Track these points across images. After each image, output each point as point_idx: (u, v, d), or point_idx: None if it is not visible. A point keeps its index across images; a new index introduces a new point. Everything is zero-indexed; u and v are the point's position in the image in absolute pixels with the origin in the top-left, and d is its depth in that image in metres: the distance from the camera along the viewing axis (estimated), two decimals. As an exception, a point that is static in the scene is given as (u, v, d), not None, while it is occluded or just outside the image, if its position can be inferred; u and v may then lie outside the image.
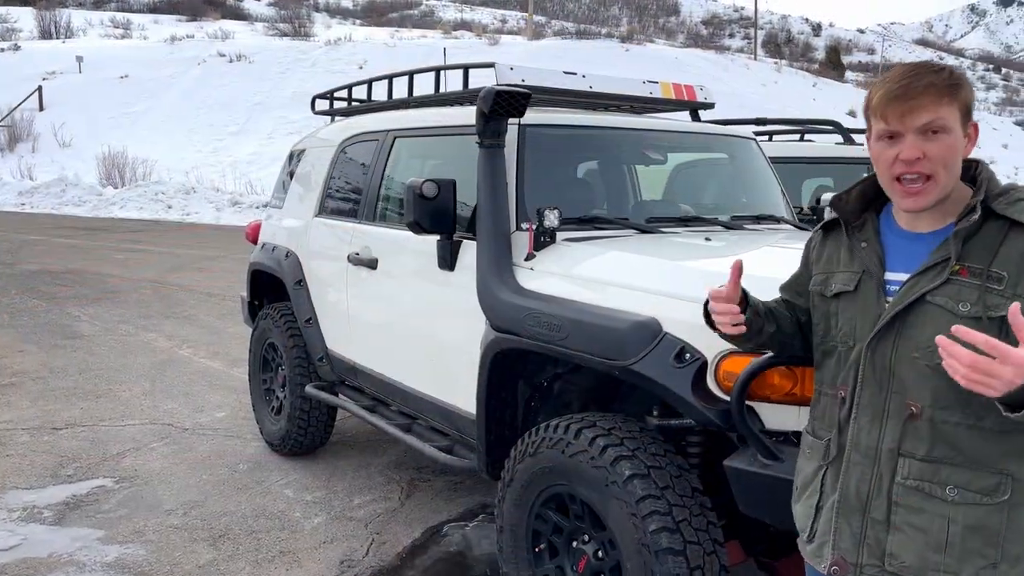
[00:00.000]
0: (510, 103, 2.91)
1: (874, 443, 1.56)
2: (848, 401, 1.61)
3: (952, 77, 1.49)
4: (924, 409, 1.51)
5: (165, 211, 20.51)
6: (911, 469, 1.53)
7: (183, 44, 37.48)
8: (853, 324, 1.61)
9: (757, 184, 3.78)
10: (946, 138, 1.48)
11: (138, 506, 3.97)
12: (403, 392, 3.58)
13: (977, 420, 1.48)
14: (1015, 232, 1.48)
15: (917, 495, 1.52)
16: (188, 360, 6.82)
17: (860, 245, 1.64)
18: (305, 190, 4.60)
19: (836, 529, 1.61)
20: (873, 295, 1.59)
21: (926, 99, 1.46)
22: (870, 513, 1.57)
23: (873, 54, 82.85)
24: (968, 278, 1.48)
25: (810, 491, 1.70)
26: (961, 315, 1.47)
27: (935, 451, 1.51)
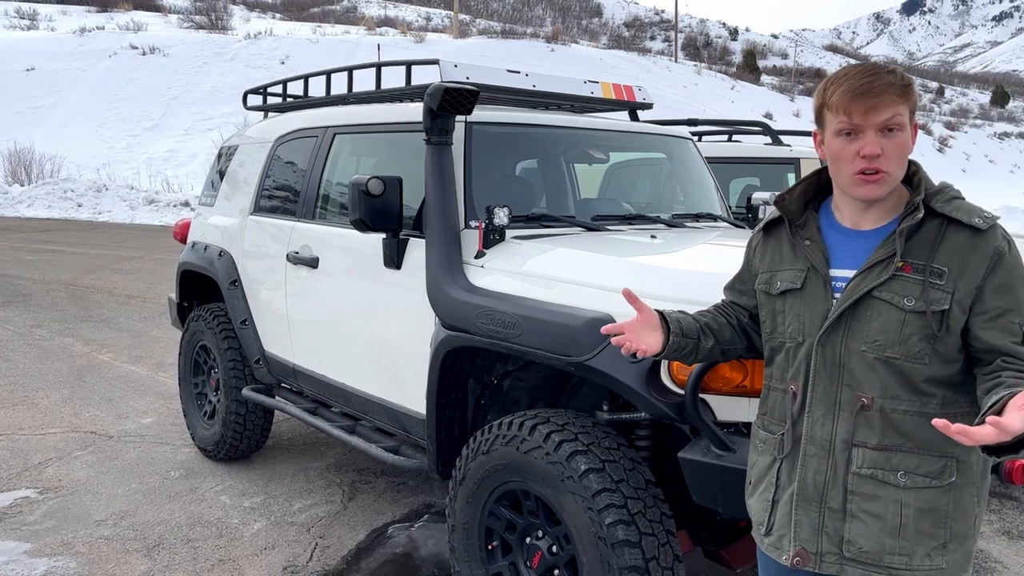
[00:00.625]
0: (458, 100, 2.89)
1: (828, 435, 1.62)
2: (800, 396, 1.66)
3: (904, 78, 1.56)
4: (874, 400, 1.57)
5: (75, 210, 19.63)
6: (864, 458, 1.59)
7: (93, 36, 35.87)
8: (801, 320, 1.66)
9: (695, 183, 3.87)
10: (901, 135, 1.54)
11: (65, 517, 3.79)
12: (347, 393, 3.52)
13: (923, 407, 1.56)
14: (952, 228, 1.55)
15: (871, 483, 1.58)
16: (108, 365, 6.54)
17: (804, 243, 1.69)
18: (238, 188, 4.47)
19: (796, 521, 1.66)
20: (820, 292, 1.64)
21: (887, 97, 1.52)
22: (827, 503, 1.62)
23: (786, 59, 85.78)
24: (912, 274, 1.55)
25: (765, 485, 1.74)
26: (907, 309, 1.54)
27: (886, 439, 1.57)
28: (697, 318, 1.83)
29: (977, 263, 1.52)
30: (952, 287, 1.53)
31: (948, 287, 1.53)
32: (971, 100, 72.85)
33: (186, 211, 19.56)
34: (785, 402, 1.70)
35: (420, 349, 3.01)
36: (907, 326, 1.54)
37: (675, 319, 1.79)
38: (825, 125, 1.60)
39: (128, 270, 11.39)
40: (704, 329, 1.82)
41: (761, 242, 1.81)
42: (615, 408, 2.65)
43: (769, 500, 1.72)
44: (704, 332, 1.81)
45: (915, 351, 1.54)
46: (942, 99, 70.42)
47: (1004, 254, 1.52)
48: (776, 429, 1.73)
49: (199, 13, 44.84)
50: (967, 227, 1.54)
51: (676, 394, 2.23)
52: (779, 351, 1.72)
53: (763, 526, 1.74)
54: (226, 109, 28.91)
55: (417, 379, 3.05)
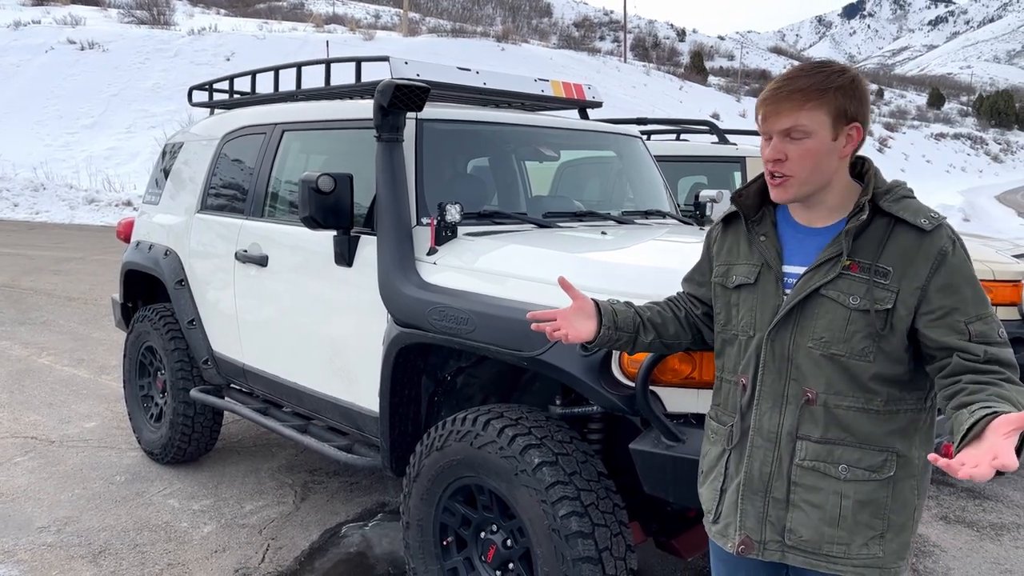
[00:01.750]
0: (409, 97, 2.89)
1: (775, 427, 1.66)
2: (750, 388, 1.70)
3: (825, 82, 1.56)
4: (819, 395, 1.62)
5: (11, 209, 18.99)
6: (808, 451, 1.63)
7: (28, 30, 34.70)
8: (754, 315, 1.70)
9: (644, 181, 3.93)
10: (806, 142, 1.57)
11: (6, 524, 3.67)
12: (298, 393, 3.49)
13: (866, 403, 1.61)
14: (899, 228, 1.59)
15: (813, 474, 1.63)
16: (49, 368, 6.35)
17: (759, 238, 1.72)
18: (184, 185, 4.39)
19: (742, 510, 1.70)
20: (772, 287, 1.68)
21: (787, 105, 1.56)
22: (771, 493, 1.67)
23: (733, 60, 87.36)
24: (858, 273, 1.58)
25: (715, 474, 1.78)
26: (852, 307, 1.58)
27: (829, 433, 1.62)
28: (640, 312, 1.87)
29: (921, 263, 1.55)
30: (897, 286, 1.56)
31: (893, 286, 1.56)
32: (909, 102, 75.20)
33: (128, 210, 19.06)
34: (736, 393, 1.74)
35: (372, 347, 3.00)
36: (852, 324, 1.57)
37: (610, 311, 1.83)
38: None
39: (68, 271, 11.05)
40: (645, 323, 1.86)
41: (720, 235, 1.84)
42: (567, 402, 2.68)
43: (718, 489, 1.77)
44: (644, 326, 1.85)
45: (859, 348, 1.58)
46: (881, 101, 72.53)
47: (948, 254, 1.54)
48: (727, 420, 1.76)
49: (140, 8, 43.70)
50: (913, 227, 1.56)
51: (627, 387, 2.27)
52: (731, 344, 1.76)
53: (711, 514, 1.79)
54: (170, 106, 28.24)
55: (369, 377, 3.04)
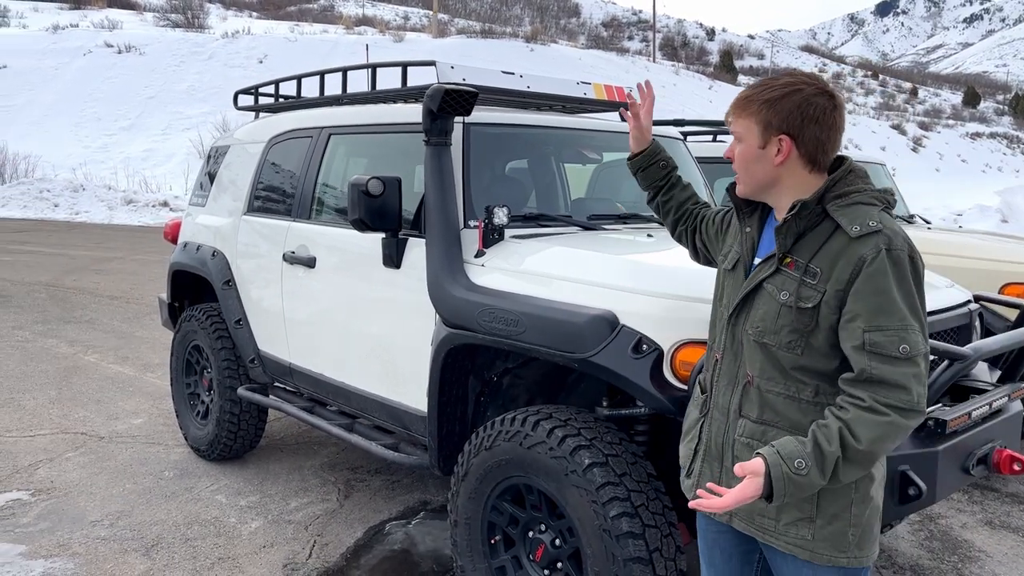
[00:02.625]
0: (458, 102, 2.93)
1: (727, 403, 1.79)
2: (718, 365, 1.83)
3: (757, 95, 1.68)
4: (754, 378, 1.73)
5: (52, 210, 19.42)
6: (746, 428, 1.75)
7: (67, 33, 35.43)
8: (729, 299, 1.82)
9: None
10: (740, 146, 1.73)
11: (60, 519, 3.78)
12: (345, 391, 3.55)
13: (796, 392, 1.69)
14: (837, 233, 1.64)
15: (748, 451, 1.74)
16: (95, 366, 6.50)
17: (745, 230, 1.84)
18: (231, 188, 4.47)
19: (702, 472, 1.86)
20: (741, 276, 1.80)
21: (732, 112, 1.74)
22: (724, 462, 1.80)
23: (763, 59, 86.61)
24: (793, 270, 1.67)
25: (691, 436, 1.92)
26: (780, 302, 1.67)
27: (764, 415, 1.73)
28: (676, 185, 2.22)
29: (844, 268, 1.60)
30: (823, 288, 1.62)
31: (820, 287, 1.62)
32: (944, 101, 73.94)
33: (165, 211, 19.40)
34: (711, 367, 1.87)
35: (419, 347, 3.05)
36: (780, 318, 1.66)
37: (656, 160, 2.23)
38: None
39: (109, 271, 11.29)
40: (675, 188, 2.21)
41: (733, 218, 1.95)
42: (614, 403, 2.70)
43: (692, 449, 1.90)
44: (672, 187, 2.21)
45: (786, 341, 1.66)
46: (915, 99, 71.42)
47: (866, 261, 1.57)
48: (705, 389, 1.90)
49: (175, 11, 44.42)
50: (845, 233, 1.61)
51: (678, 389, 2.29)
52: (716, 320, 1.88)
53: (684, 470, 1.93)
54: (204, 108, 28.69)
55: (416, 377, 3.09)
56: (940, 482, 2.32)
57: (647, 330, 2.34)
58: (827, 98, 1.66)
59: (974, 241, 5.65)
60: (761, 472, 1.55)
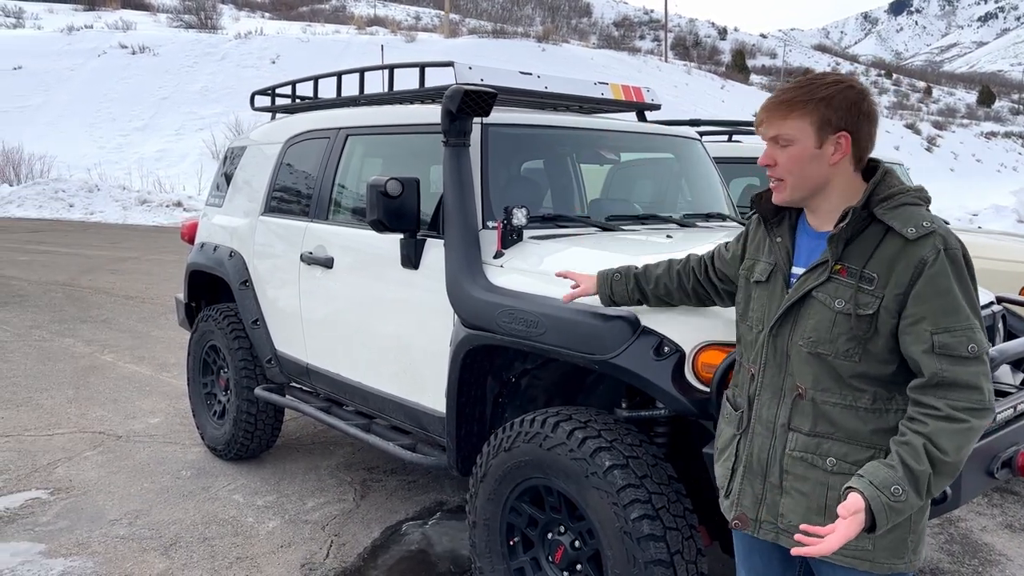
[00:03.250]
0: (477, 102, 2.93)
1: (772, 418, 1.76)
2: (757, 379, 1.79)
3: (810, 93, 1.64)
4: (807, 391, 1.70)
5: (67, 210, 19.56)
6: (798, 442, 1.71)
7: (81, 35, 35.70)
8: (763, 311, 1.78)
9: (703, 183, 3.92)
10: (791, 149, 1.66)
11: (79, 517, 3.80)
12: (362, 392, 3.55)
13: (853, 401, 1.67)
14: (889, 236, 1.62)
15: (802, 464, 1.71)
16: (112, 365, 6.54)
17: (776, 240, 1.81)
18: (247, 189, 4.49)
19: (741, 490, 1.82)
20: (779, 287, 1.76)
21: (775, 115, 1.67)
22: (768, 478, 1.77)
23: (775, 58, 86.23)
24: (846, 277, 1.64)
25: (727, 455, 1.88)
26: (837, 310, 1.64)
27: (818, 427, 1.69)
28: (644, 287, 2.26)
29: (903, 272, 1.58)
30: (881, 293, 1.60)
31: (877, 293, 1.61)
32: (958, 100, 73.41)
33: (179, 211, 19.50)
34: (747, 382, 1.83)
35: (437, 348, 3.05)
36: (836, 326, 1.64)
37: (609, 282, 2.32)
38: None
39: (125, 271, 11.36)
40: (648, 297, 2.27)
41: (754, 230, 1.93)
42: (633, 405, 2.69)
43: (729, 468, 1.87)
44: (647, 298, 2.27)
45: (843, 349, 1.64)
46: (930, 99, 70.93)
47: (927, 264, 1.57)
48: (740, 404, 1.86)
49: (188, 12, 44.66)
50: (900, 236, 1.60)
51: (700, 391, 2.28)
52: (748, 333, 1.84)
53: (723, 490, 1.90)
54: (217, 108, 28.85)
55: (434, 377, 3.08)
56: (965, 485, 2.30)
57: (668, 332, 2.33)
58: (870, 96, 1.67)
59: (992, 241, 5.61)
60: (862, 508, 1.51)
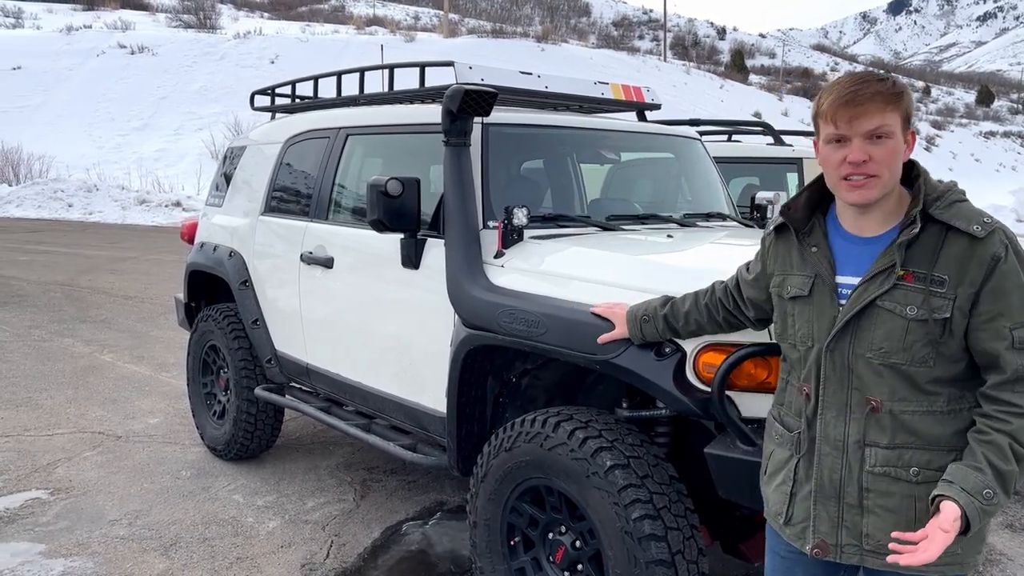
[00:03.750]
0: (477, 102, 2.93)
1: (841, 436, 1.68)
2: (813, 398, 1.72)
3: (896, 87, 1.61)
4: (883, 403, 1.64)
5: (66, 210, 19.54)
6: (877, 457, 1.65)
7: (80, 34, 35.68)
8: (811, 326, 1.71)
9: (703, 183, 3.92)
10: (890, 143, 1.59)
11: (79, 518, 3.80)
12: (362, 392, 3.55)
13: (930, 406, 1.62)
14: (952, 236, 1.59)
15: (885, 480, 1.65)
16: (111, 365, 6.54)
17: (811, 250, 1.73)
18: (247, 189, 4.49)
19: (816, 515, 1.73)
20: (827, 299, 1.69)
21: (873, 106, 1.58)
22: (844, 499, 1.69)
23: (774, 58, 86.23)
24: (913, 283, 1.59)
25: (782, 478, 1.80)
26: (910, 318, 1.59)
27: (897, 439, 1.64)
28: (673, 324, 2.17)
29: (975, 270, 1.56)
30: (953, 294, 1.57)
31: (949, 294, 1.57)
32: (957, 99, 73.44)
33: (178, 211, 19.49)
34: (800, 401, 1.76)
35: (438, 348, 3.04)
36: (910, 334, 1.59)
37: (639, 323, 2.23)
38: (819, 133, 1.67)
39: (124, 271, 11.35)
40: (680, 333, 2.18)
41: (772, 244, 1.86)
42: (634, 405, 2.69)
43: (787, 493, 1.79)
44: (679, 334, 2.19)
45: (919, 356, 1.60)
46: (928, 99, 70.94)
47: (1000, 259, 1.55)
48: (793, 425, 1.78)
49: (187, 12, 44.63)
50: (966, 234, 1.57)
51: (701, 391, 2.28)
52: (792, 351, 1.78)
53: (782, 516, 1.81)
54: (216, 108, 28.83)
55: (435, 377, 3.08)
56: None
57: (670, 332, 2.32)
58: None
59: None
60: (959, 516, 1.49)
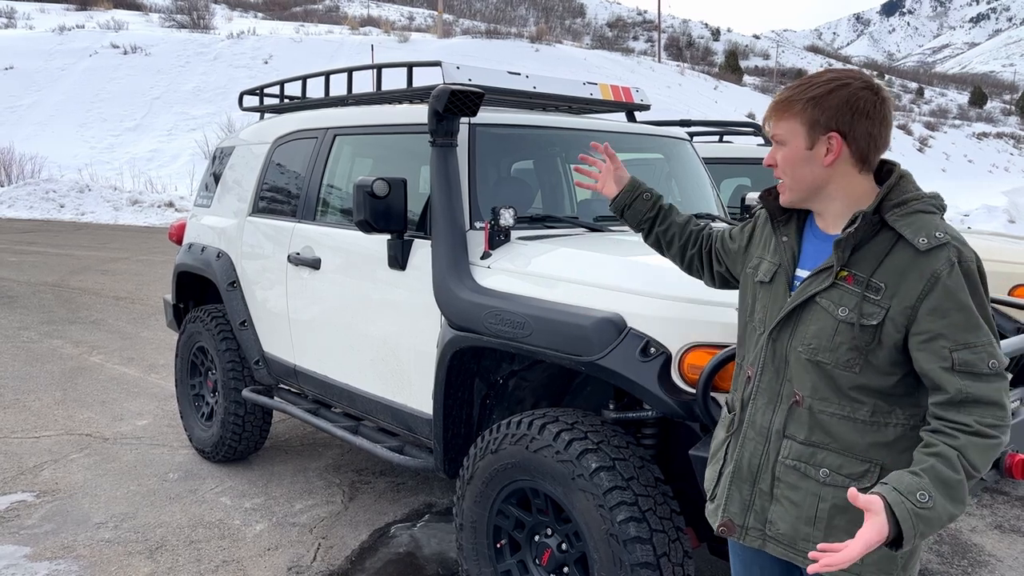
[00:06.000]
0: (464, 102, 2.91)
1: (767, 423, 1.71)
2: (753, 382, 1.74)
3: (801, 93, 1.60)
4: (805, 398, 1.64)
5: (58, 210, 19.46)
6: (792, 450, 1.67)
7: (73, 34, 35.54)
8: (766, 312, 1.73)
9: (693, 183, 3.91)
10: (785, 150, 1.64)
11: (64, 520, 3.77)
12: (349, 393, 3.53)
13: (851, 412, 1.61)
14: (900, 245, 1.55)
15: (795, 473, 1.66)
16: (100, 367, 6.50)
17: (782, 239, 1.75)
18: (236, 189, 4.46)
19: (728, 495, 1.77)
20: (782, 289, 1.70)
21: (770, 115, 1.65)
22: (758, 484, 1.72)
23: (768, 59, 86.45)
24: (852, 285, 1.58)
25: (716, 458, 1.85)
26: (839, 318, 1.58)
27: (813, 436, 1.64)
28: (662, 214, 2.09)
29: (914, 283, 1.52)
30: (887, 303, 1.54)
31: (884, 303, 1.54)
32: (950, 101, 73.67)
33: (170, 212, 19.43)
34: (742, 384, 1.78)
35: (425, 349, 3.03)
36: (839, 335, 1.58)
37: (631, 193, 2.11)
38: None
39: (115, 271, 11.30)
40: (661, 222, 2.08)
41: (761, 226, 1.86)
42: (621, 407, 2.68)
43: (717, 472, 1.83)
44: (659, 222, 2.09)
45: (844, 359, 1.58)
46: (921, 99, 71.17)
47: (941, 277, 1.50)
48: (734, 407, 1.81)
49: (181, 12, 44.52)
50: (911, 245, 1.53)
51: (687, 392, 2.27)
52: (749, 335, 1.79)
53: (709, 493, 1.85)
54: (209, 109, 28.76)
55: (422, 379, 3.07)
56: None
57: (655, 333, 2.31)
58: (873, 92, 1.58)
59: (982, 242, 5.60)
60: (880, 510, 1.40)
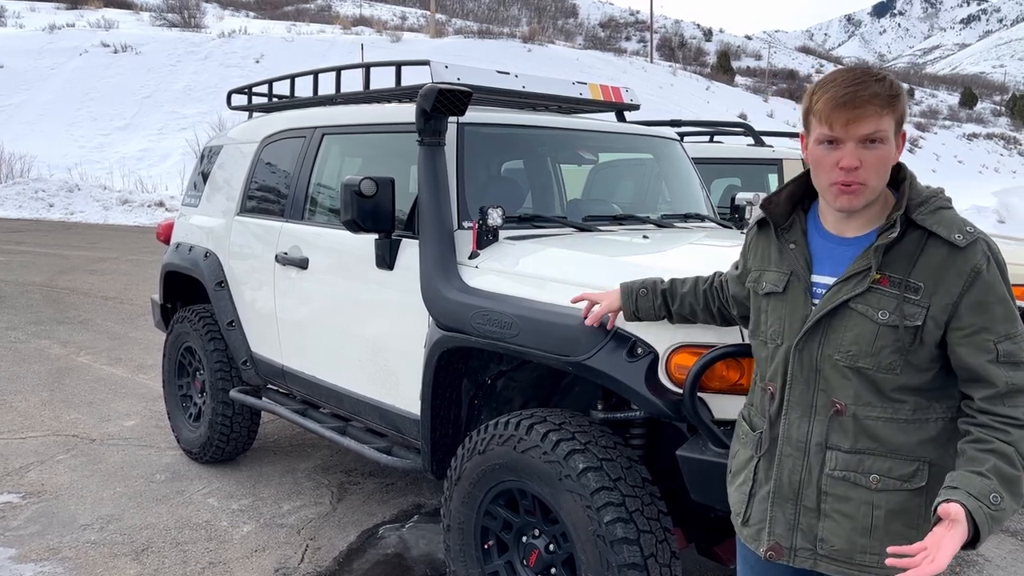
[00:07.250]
0: (452, 101, 2.90)
1: (804, 437, 1.66)
2: (778, 397, 1.69)
3: (892, 88, 1.54)
4: (847, 406, 1.61)
5: (47, 210, 19.34)
6: (838, 461, 1.63)
7: (63, 33, 35.30)
8: (782, 324, 1.69)
9: (682, 183, 3.91)
10: (882, 148, 1.53)
11: (50, 522, 3.74)
12: (337, 394, 3.51)
13: (894, 413, 1.60)
14: (932, 243, 1.55)
15: (844, 484, 1.63)
16: (88, 367, 6.46)
17: (789, 246, 1.71)
18: (224, 188, 4.44)
19: (771, 517, 1.71)
20: (801, 297, 1.66)
21: (870, 110, 1.51)
22: (802, 502, 1.67)
23: (760, 60, 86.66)
24: (888, 287, 1.56)
25: (743, 478, 1.79)
26: (880, 322, 1.56)
27: (859, 443, 1.62)
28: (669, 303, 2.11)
29: (953, 280, 1.52)
30: (927, 302, 1.54)
31: (923, 302, 1.54)
32: (940, 101, 74.01)
33: (160, 211, 19.34)
34: (765, 400, 1.74)
35: (413, 350, 3.01)
36: (880, 339, 1.56)
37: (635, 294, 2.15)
38: (810, 131, 1.61)
39: (104, 271, 11.24)
40: (673, 316, 2.13)
41: (754, 239, 1.83)
42: (609, 407, 2.67)
43: (746, 493, 1.77)
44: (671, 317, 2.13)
45: (887, 363, 1.57)
46: (912, 100, 71.47)
47: (982, 271, 1.52)
48: (757, 424, 1.77)
49: (172, 11, 44.31)
50: (946, 242, 1.53)
51: (674, 393, 2.26)
52: (762, 349, 1.75)
53: (740, 516, 1.80)
54: (200, 108, 28.61)
55: (410, 380, 3.05)
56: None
57: (642, 333, 2.30)
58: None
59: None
60: (963, 518, 1.40)
